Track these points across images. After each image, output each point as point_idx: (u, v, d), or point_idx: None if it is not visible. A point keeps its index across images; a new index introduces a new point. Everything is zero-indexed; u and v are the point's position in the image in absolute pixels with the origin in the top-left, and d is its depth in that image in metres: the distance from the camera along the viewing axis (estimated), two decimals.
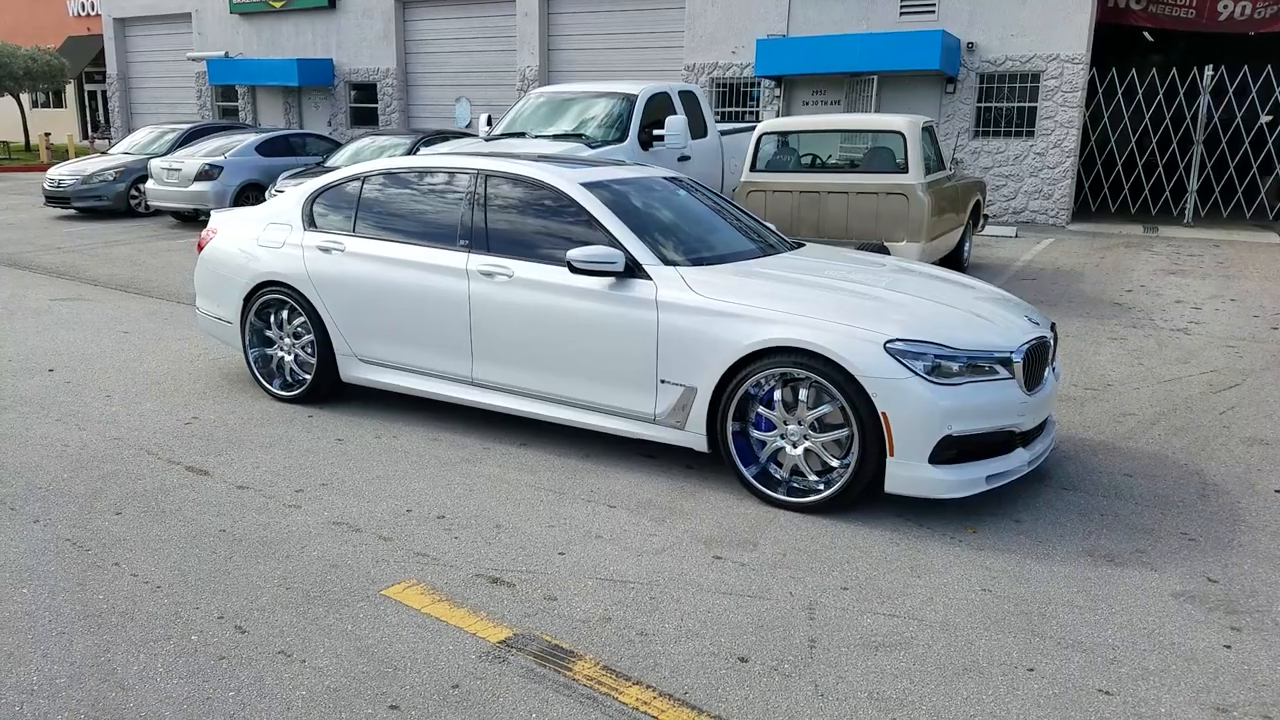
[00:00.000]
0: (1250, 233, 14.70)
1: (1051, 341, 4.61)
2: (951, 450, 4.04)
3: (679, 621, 3.29)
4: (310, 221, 5.68)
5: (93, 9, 33.24)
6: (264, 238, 5.78)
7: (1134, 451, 5.13)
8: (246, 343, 5.91)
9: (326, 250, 5.51)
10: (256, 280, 5.73)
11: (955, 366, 4.04)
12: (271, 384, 5.84)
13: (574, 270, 4.59)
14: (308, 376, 5.68)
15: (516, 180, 5.10)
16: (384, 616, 3.28)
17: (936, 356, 4.02)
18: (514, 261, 4.91)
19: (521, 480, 4.59)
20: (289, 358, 5.80)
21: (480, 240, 5.06)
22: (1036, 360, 4.35)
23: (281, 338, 5.81)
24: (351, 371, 5.55)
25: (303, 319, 5.64)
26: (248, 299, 5.82)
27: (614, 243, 4.70)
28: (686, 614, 3.34)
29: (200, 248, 6.14)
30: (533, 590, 3.49)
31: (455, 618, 3.27)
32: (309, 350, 5.67)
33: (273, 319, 5.82)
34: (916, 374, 3.97)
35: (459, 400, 5.19)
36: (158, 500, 4.27)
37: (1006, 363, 4.15)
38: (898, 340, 4.03)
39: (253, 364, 5.90)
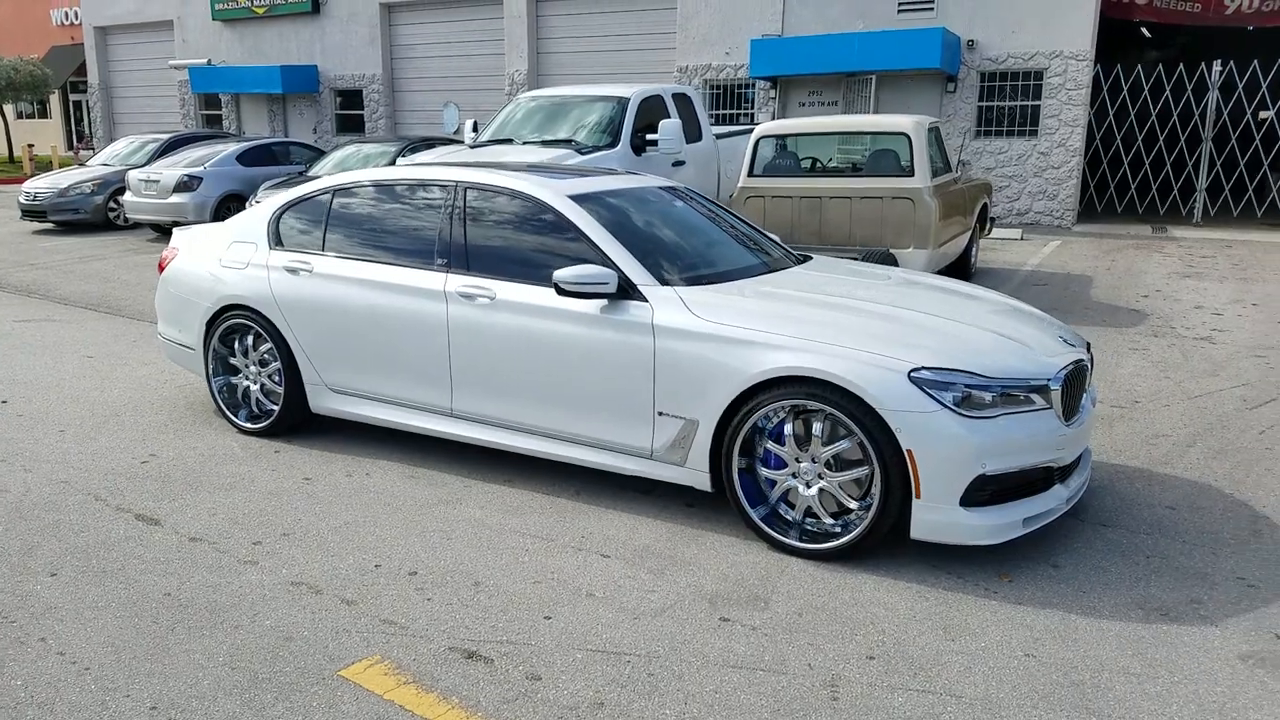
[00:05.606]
0: (1263, 232, 14.29)
1: (1088, 364, 4.18)
2: (985, 491, 3.61)
3: (683, 706, 2.85)
4: (277, 239, 5.24)
5: (76, 18, 32.73)
6: (227, 257, 5.34)
7: (1173, 480, 4.71)
8: (210, 371, 5.46)
9: (294, 271, 5.07)
10: (220, 304, 5.29)
11: (988, 397, 3.61)
12: (237, 415, 5.40)
13: (561, 292, 4.16)
14: (275, 407, 5.24)
15: (498, 193, 4.67)
16: (340, 705, 2.84)
17: (967, 386, 3.59)
18: (496, 282, 4.48)
19: (506, 525, 4.15)
20: (255, 387, 5.36)
21: (460, 259, 4.63)
22: (1074, 386, 3.92)
23: (247, 365, 5.37)
24: (321, 402, 5.11)
25: (269, 345, 5.20)
26: (210, 324, 5.38)
27: (605, 261, 4.27)
28: (691, 696, 2.91)
29: (161, 268, 5.70)
30: (513, 667, 3.05)
31: (422, 706, 2.83)
32: (276, 379, 5.23)
33: (237, 345, 5.37)
34: (945, 406, 3.54)
35: (437, 433, 4.75)
36: (99, 557, 3.83)
37: (1043, 391, 3.72)
38: (924, 369, 3.59)
39: (217, 394, 5.46)
